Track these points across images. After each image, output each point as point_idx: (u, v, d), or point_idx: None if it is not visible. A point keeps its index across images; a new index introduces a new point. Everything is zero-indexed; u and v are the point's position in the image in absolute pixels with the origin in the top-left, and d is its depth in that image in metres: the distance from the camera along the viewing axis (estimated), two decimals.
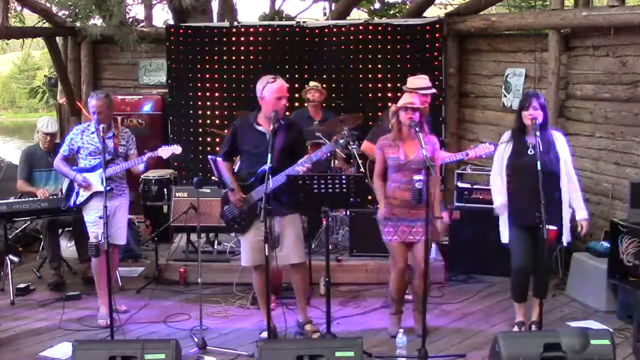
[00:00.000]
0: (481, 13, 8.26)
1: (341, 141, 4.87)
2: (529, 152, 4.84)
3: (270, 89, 4.82)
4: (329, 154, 5.12)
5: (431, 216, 4.71)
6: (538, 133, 4.70)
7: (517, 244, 4.94)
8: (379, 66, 8.12)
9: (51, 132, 6.54)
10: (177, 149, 5.53)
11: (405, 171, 4.85)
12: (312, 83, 7.26)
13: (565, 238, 4.89)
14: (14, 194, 6.50)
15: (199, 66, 8.36)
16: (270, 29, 8.34)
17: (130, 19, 8.83)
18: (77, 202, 5.45)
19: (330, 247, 5.00)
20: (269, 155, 4.64)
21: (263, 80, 4.89)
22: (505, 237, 5.01)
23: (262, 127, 4.91)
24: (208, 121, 8.34)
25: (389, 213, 4.93)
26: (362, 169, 6.52)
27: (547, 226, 4.49)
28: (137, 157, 5.44)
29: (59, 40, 9.26)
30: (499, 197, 4.99)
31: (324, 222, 4.80)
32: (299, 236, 5.05)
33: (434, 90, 5.60)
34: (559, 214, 4.82)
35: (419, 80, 5.53)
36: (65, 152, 5.50)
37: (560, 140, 4.93)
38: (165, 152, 5.50)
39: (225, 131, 7.50)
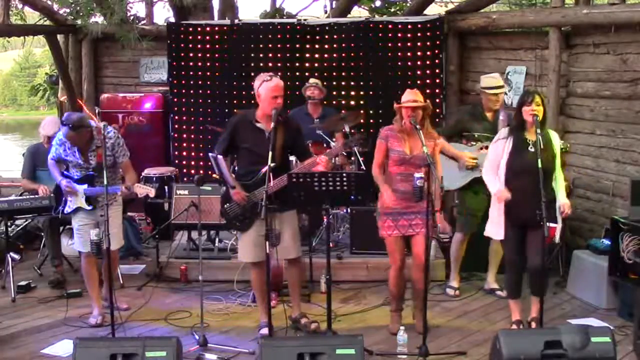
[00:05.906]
0: (482, 11, 8.24)
1: (350, 144, 5.07)
2: (529, 149, 4.80)
3: (266, 87, 4.84)
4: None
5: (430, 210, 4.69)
6: (539, 130, 4.68)
7: (511, 240, 4.94)
8: (380, 64, 8.10)
9: (47, 135, 6.49)
10: (151, 192, 5.30)
11: (409, 166, 4.85)
12: (312, 80, 7.25)
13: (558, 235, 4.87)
14: None
15: (200, 64, 8.36)
16: (271, 27, 8.33)
17: (132, 17, 8.82)
18: (65, 212, 5.41)
19: (331, 244, 5.00)
20: (270, 153, 4.64)
21: (260, 78, 4.91)
22: (500, 234, 4.96)
23: (262, 124, 4.92)
24: (209, 119, 8.32)
25: (388, 208, 4.92)
26: (363, 167, 6.52)
27: (547, 224, 4.48)
28: (115, 186, 5.24)
29: (60, 38, 9.26)
30: (496, 184, 4.91)
31: (325, 220, 4.80)
32: (296, 232, 5.11)
33: (504, 90, 5.75)
34: (554, 211, 4.80)
35: (489, 80, 5.71)
36: (54, 158, 5.48)
37: (555, 139, 4.94)
38: (140, 189, 5.29)
39: None
